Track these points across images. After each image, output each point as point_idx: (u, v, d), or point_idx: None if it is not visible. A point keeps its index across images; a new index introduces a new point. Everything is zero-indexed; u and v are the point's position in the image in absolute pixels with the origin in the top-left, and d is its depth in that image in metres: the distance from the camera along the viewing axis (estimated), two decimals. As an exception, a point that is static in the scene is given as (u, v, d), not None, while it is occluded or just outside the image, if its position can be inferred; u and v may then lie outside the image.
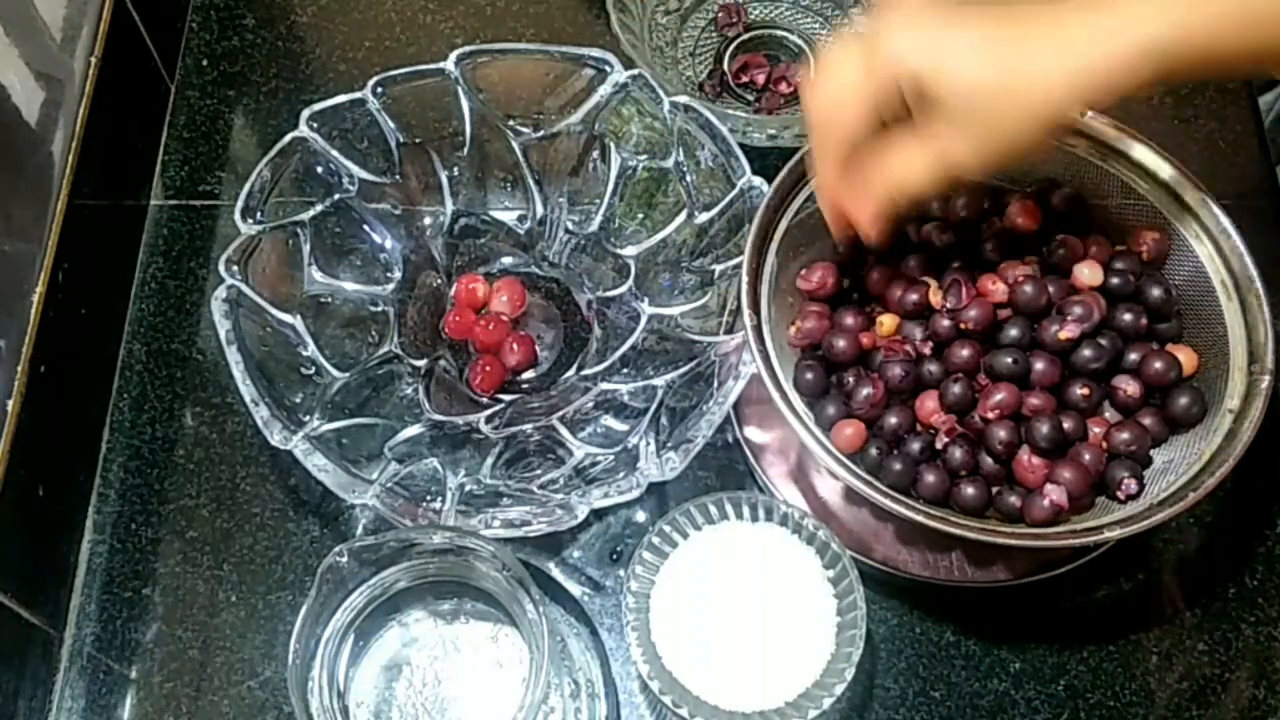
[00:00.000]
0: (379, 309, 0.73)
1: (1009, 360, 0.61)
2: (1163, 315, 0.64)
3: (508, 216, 0.76)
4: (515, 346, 0.72)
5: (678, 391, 0.68)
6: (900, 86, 0.51)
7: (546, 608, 0.56)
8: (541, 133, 0.73)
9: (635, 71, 0.71)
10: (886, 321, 0.64)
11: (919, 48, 0.50)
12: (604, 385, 0.70)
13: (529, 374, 0.73)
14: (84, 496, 0.71)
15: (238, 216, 0.68)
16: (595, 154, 0.73)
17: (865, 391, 0.62)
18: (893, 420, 0.62)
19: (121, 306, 0.77)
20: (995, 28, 0.50)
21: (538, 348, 0.74)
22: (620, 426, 0.69)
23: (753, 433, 0.70)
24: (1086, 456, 0.60)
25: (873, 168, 0.54)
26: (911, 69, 0.50)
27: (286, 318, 0.68)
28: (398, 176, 0.73)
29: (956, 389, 0.61)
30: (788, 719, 0.58)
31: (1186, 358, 0.62)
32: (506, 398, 0.72)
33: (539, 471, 0.66)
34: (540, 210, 0.75)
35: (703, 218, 0.71)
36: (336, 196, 0.71)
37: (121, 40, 0.78)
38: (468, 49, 0.71)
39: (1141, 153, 0.64)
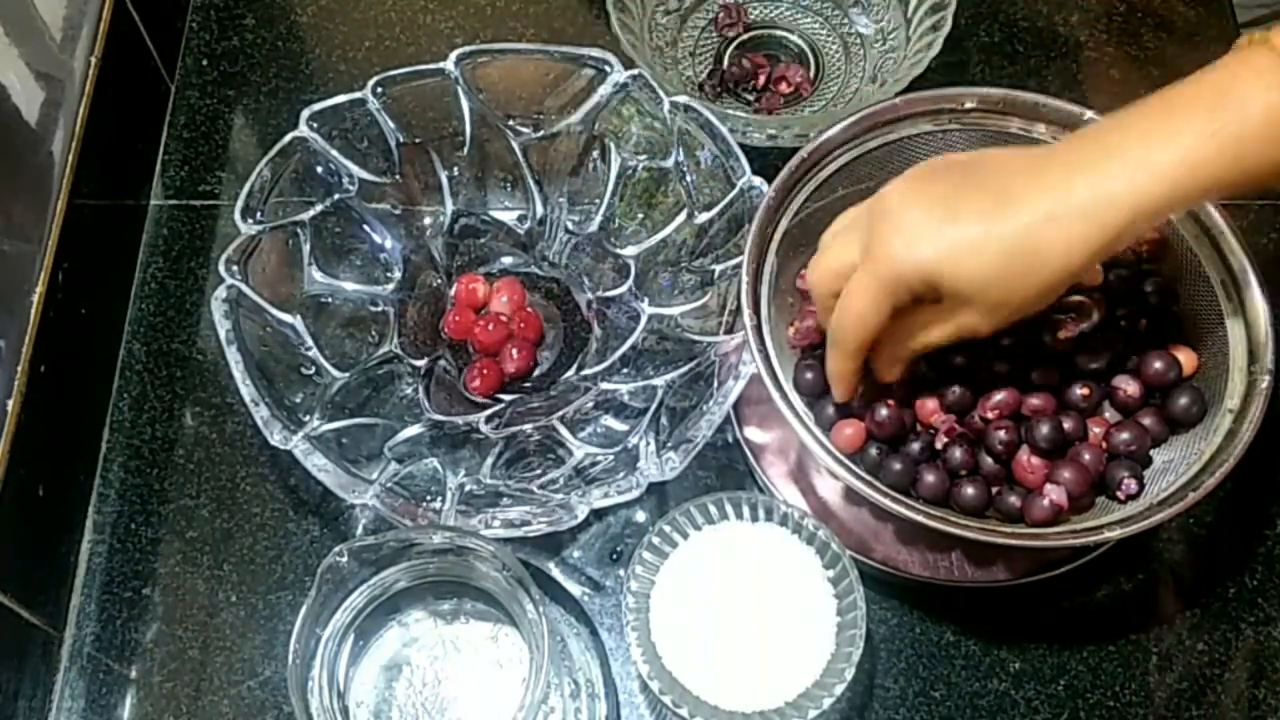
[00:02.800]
0: (379, 309, 0.73)
1: (1009, 360, 0.61)
2: (1163, 315, 0.64)
3: (508, 216, 0.76)
4: (515, 353, 0.72)
5: (678, 391, 0.68)
6: (914, 289, 0.54)
7: (546, 608, 0.56)
8: (541, 133, 0.73)
9: (635, 71, 0.71)
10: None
11: (927, 255, 0.53)
12: (604, 385, 0.70)
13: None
14: (84, 496, 0.71)
15: (238, 216, 0.68)
16: (595, 154, 0.73)
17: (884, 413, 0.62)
18: (893, 420, 0.62)
19: (121, 306, 0.77)
20: (995, 217, 0.52)
21: (538, 349, 0.74)
22: (620, 426, 0.69)
23: (753, 433, 0.70)
24: (1086, 456, 0.60)
25: (892, 341, 0.58)
26: (923, 275, 0.53)
27: (286, 318, 0.68)
28: (398, 176, 0.73)
29: (956, 389, 0.61)
30: (788, 719, 0.58)
31: (1186, 358, 0.62)
32: (506, 398, 0.72)
33: (539, 471, 0.66)
34: (540, 210, 0.75)
35: (703, 218, 0.71)
36: (336, 196, 0.71)
37: (121, 40, 0.78)
38: (468, 49, 0.71)
39: (1141, 153, 0.64)
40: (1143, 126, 0.51)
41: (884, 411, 0.62)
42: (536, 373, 0.74)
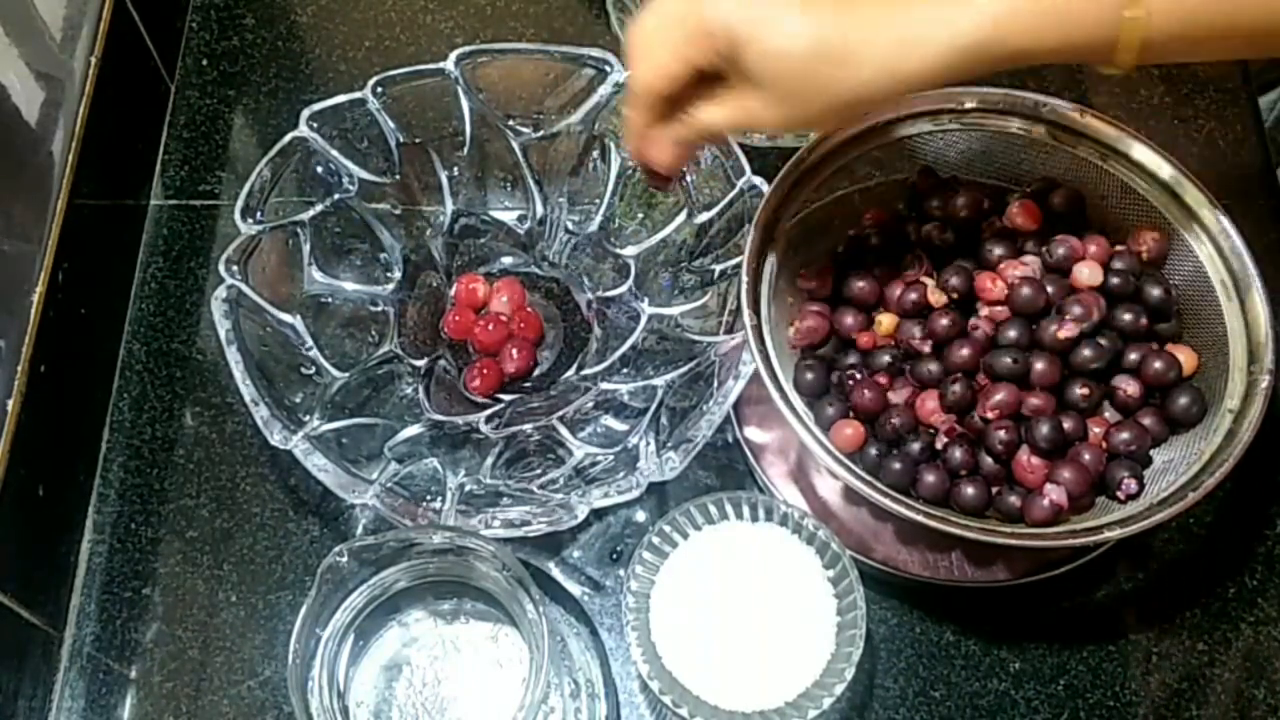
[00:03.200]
0: (379, 309, 0.73)
1: (1009, 360, 0.61)
2: (1163, 315, 0.64)
3: (508, 216, 0.76)
4: (515, 353, 0.72)
5: (678, 391, 0.68)
6: (715, 46, 0.50)
7: (546, 608, 0.56)
8: (541, 133, 0.73)
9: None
10: (885, 321, 0.64)
11: (739, 12, 0.49)
12: (604, 385, 0.70)
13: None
14: (84, 496, 0.71)
15: (238, 216, 0.68)
16: (595, 154, 0.73)
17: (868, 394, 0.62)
18: (893, 420, 0.62)
19: (121, 306, 0.77)
20: (825, 3, 0.49)
21: (538, 349, 0.74)
22: (620, 426, 0.69)
23: (753, 433, 0.70)
24: (1086, 456, 0.60)
25: (679, 113, 0.54)
26: (728, 33, 0.50)
27: (286, 318, 0.68)
28: (398, 176, 0.73)
29: (956, 389, 0.61)
30: (788, 719, 0.58)
31: (1186, 358, 0.62)
32: (506, 397, 0.72)
33: (539, 471, 0.66)
34: (540, 210, 0.75)
35: (703, 218, 0.71)
36: (336, 196, 0.71)
37: (121, 40, 0.78)
38: (468, 49, 0.71)
39: (1141, 153, 0.64)
40: None
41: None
42: (536, 373, 0.74)
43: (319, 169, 0.71)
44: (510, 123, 0.73)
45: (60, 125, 0.71)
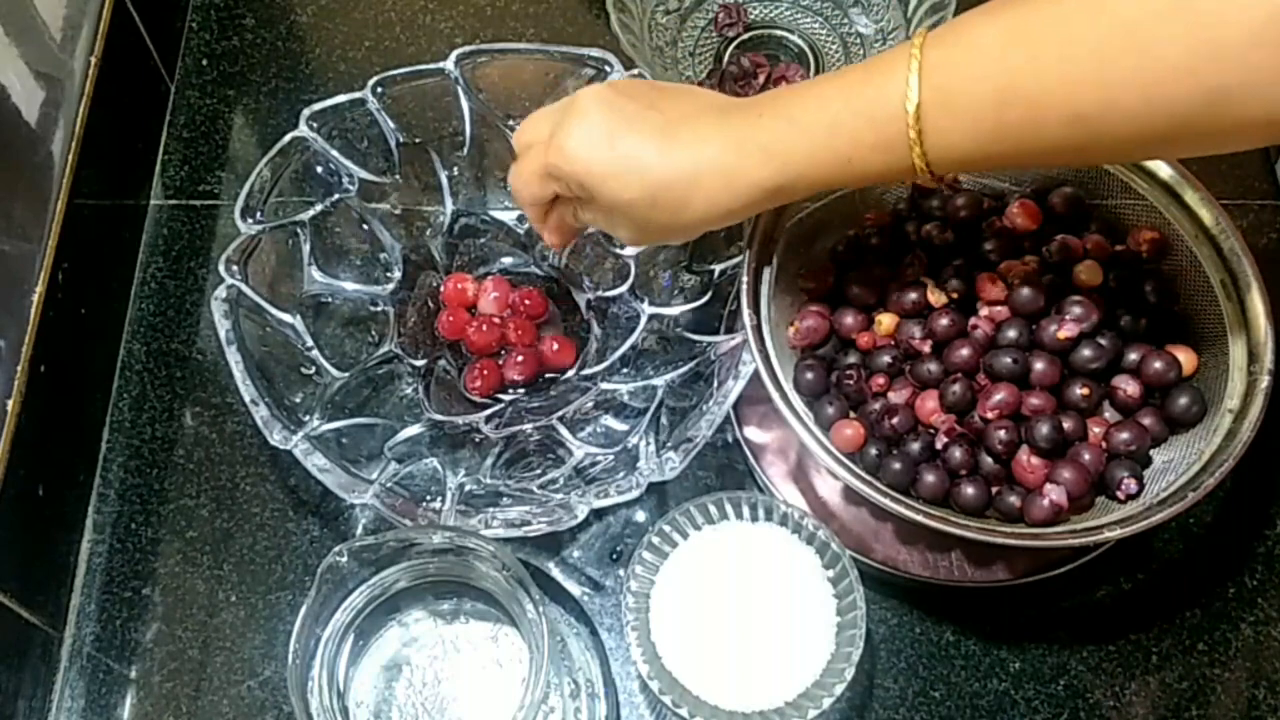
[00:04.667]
0: (379, 309, 0.73)
1: (1009, 360, 0.61)
2: (1163, 315, 0.64)
3: (508, 216, 0.76)
4: (520, 359, 0.72)
5: (678, 391, 0.68)
6: (572, 189, 0.58)
7: (546, 608, 0.56)
8: (541, 133, 0.73)
9: (635, 71, 0.71)
10: (885, 321, 0.64)
11: (585, 165, 0.56)
12: (604, 385, 0.70)
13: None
14: (84, 496, 0.71)
15: (238, 216, 0.68)
16: (595, 154, 0.73)
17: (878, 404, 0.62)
18: (893, 420, 0.62)
19: (121, 306, 0.77)
20: (660, 150, 0.55)
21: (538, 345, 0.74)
22: (620, 426, 0.69)
23: (753, 433, 0.70)
24: (1086, 456, 0.60)
25: (561, 209, 0.62)
26: (578, 179, 0.56)
27: (286, 318, 0.68)
28: (398, 176, 0.73)
29: (956, 389, 0.61)
30: (788, 719, 0.58)
31: (1186, 358, 0.62)
32: (506, 398, 0.72)
33: (539, 471, 0.66)
34: (540, 210, 0.75)
35: (703, 218, 0.70)
36: (336, 196, 0.71)
37: (121, 40, 0.78)
38: (468, 49, 0.71)
39: (1141, 153, 0.64)
40: (803, 100, 0.53)
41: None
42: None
43: (319, 169, 0.71)
44: (510, 123, 0.73)
45: (60, 125, 0.71)
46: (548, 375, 0.73)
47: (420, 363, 0.72)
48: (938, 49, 0.49)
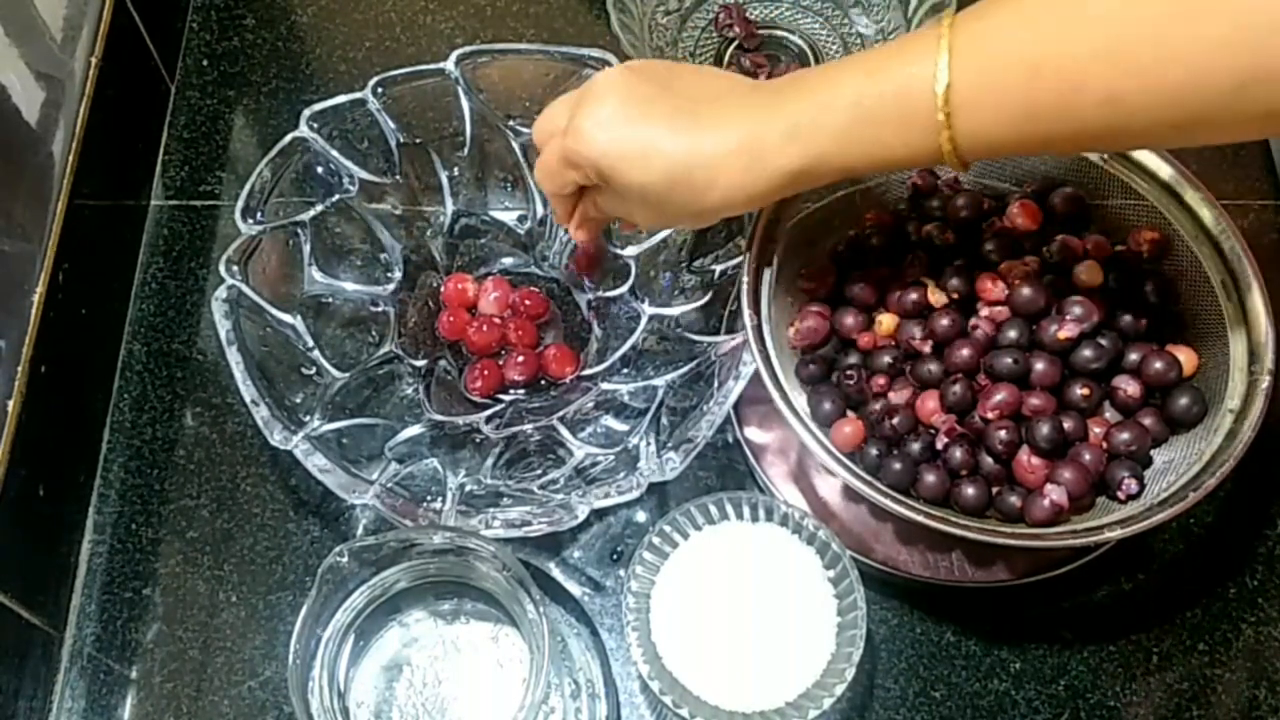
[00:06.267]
0: (379, 309, 0.73)
1: (1009, 360, 0.61)
2: (1163, 315, 0.64)
3: (508, 216, 0.76)
4: (520, 359, 0.72)
5: (678, 391, 0.68)
6: (589, 175, 0.58)
7: (546, 608, 0.56)
8: (542, 133, 0.73)
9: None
10: (886, 321, 0.64)
11: (602, 148, 0.55)
12: (604, 385, 0.70)
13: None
14: (84, 496, 0.71)
15: (238, 216, 0.68)
16: (595, 154, 0.73)
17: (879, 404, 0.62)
18: (893, 420, 0.62)
19: (121, 306, 0.77)
20: (677, 133, 0.54)
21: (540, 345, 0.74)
22: (620, 426, 0.69)
23: (753, 433, 0.70)
24: (1086, 456, 0.60)
25: (584, 201, 0.62)
26: (594, 163, 0.56)
27: (286, 318, 0.68)
28: (398, 176, 0.73)
29: (957, 389, 0.61)
30: (788, 719, 0.58)
31: (1186, 358, 0.62)
32: (506, 398, 0.72)
33: (539, 471, 0.66)
34: (540, 210, 0.75)
35: (703, 218, 0.71)
36: (336, 196, 0.71)
37: (121, 40, 0.78)
38: (468, 49, 0.71)
39: (1141, 153, 0.64)
40: (828, 82, 0.52)
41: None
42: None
43: (319, 169, 0.71)
44: (510, 123, 0.73)
45: (60, 125, 0.71)
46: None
47: (421, 363, 0.72)
48: (967, 28, 0.49)
